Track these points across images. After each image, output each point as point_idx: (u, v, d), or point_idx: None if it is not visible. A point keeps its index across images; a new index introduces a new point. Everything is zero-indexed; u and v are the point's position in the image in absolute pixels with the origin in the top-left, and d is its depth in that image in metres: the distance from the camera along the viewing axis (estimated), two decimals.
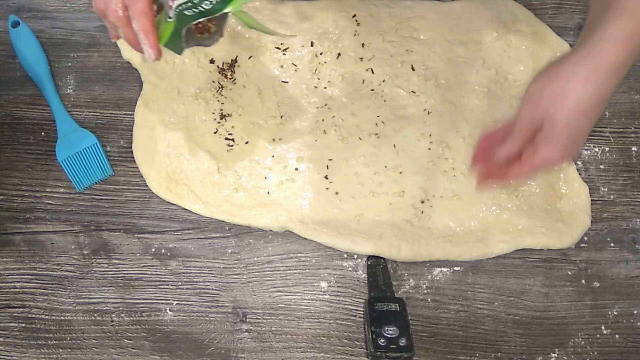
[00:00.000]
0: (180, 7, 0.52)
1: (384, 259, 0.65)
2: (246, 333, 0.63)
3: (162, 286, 0.65)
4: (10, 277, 0.65)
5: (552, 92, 0.52)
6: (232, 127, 0.70)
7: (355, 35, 0.73)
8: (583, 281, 0.65)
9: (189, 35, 0.53)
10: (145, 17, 0.52)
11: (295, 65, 0.72)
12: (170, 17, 0.53)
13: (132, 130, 0.70)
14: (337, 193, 0.67)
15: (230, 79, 0.71)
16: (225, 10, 0.52)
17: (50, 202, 0.68)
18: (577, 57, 0.51)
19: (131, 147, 0.70)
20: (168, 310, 0.64)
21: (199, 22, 0.53)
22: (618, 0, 0.50)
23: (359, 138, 0.69)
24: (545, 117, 0.53)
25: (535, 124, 0.53)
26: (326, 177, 0.68)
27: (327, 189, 0.67)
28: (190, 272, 0.65)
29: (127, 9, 0.52)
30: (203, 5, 0.52)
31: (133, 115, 0.71)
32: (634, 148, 0.71)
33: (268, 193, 0.67)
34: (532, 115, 0.53)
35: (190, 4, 0.52)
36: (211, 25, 0.55)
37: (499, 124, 0.62)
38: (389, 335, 0.58)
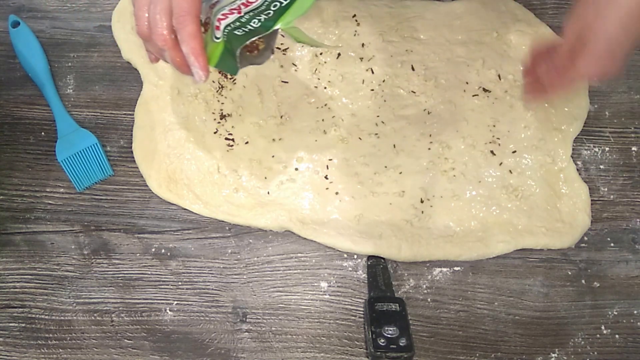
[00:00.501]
0: (229, 28, 0.52)
1: (384, 259, 0.65)
2: (246, 333, 0.63)
3: (162, 286, 0.65)
4: (10, 277, 0.65)
5: (595, 4, 0.52)
6: (232, 127, 0.70)
7: (355, 35, 0.73)
8: (583, 281, 0.65)
9: (241, 55, 0.52)
10: (195, 40, 0.51)
11: (295, 65, 0.72)
12: (217, 38, 0.52)
13: (132, 130, 0.70)
14: (337, 193, 0.67)
15: (230, 79, 0.71)
16: (275, 27, 0.51)
17: (50, 202, 0.68)
18: None
19: (131, 147, 0.70)
20: (168, 310, 0.64)
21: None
22: None
23: (359, 138, 0.69)
24: (588, 29, 0.52)
25: (580, 38, 0.53)
26: (326, 177, 0.68)
27: (327, 189, 0.67)
28: (190, 272, 0.65)
29: (174, 32, 0.51)
30: (252, 24, 0.52)
31: (133, 115, 0.71)
32: (634, 148, 0.71)
33: (268, 193, 0.67)
34: (577, 29, 0.53)
35: (238, 24, 0.52)
36: (259, 42, 0.54)
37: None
38: (389, 335, 0.58)
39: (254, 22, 0.52)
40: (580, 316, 0.64)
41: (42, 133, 0.71)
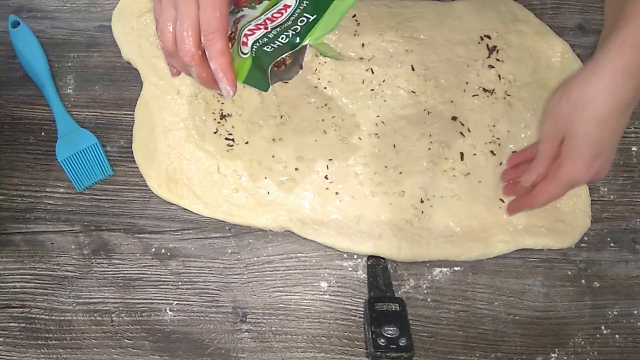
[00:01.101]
0: (257, 44, 0.51)
1: (384, 259, 0.65)
2: (246, 333, 0.63)
3: (162, 286, 0.65)
4: (10, 277, 0.65)
5: (570, 104, 0.51)
6: (232, 127, 0.70)
7: (355, 35, 0.73)
8: (583, 281, 0.65)
9: (270, 72, 0.52)
10: (224, 57, 0.50)
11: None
12: (244, 53, 0.52)
13: (132, 130, 0.70)
14: (337, 193, 0.67)
15: None
16: (304, 43, 0.51)
17: (50, 202, 0.68)
18: (591, 66, 0.50)
19: (131, 147, 0.70)
20: (168, 310, 0.64)
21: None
22: (630, 7, 0.49)
23: (359, 138, 0.69)
24: (566, 131, 0.52)
25: (558, 140, 0.52)
26: (326, 177, 0.68)
27: (327, 189, 0.67)
28: (190, 272, 0.65)
29: (201, 48, 0.50)
30: (280, 40, 0.51)
31: (133, 115, 0.71)
32: (634, 148, 0.71)
33: (268, 193, 0.67)
34: (554, 131, 0.53)
35: (266, 40, 0.51)
36: (286, 58, 0.54)
37: (527, 145, 0.61)
38: (389, 335, 0.58)
39: (282, 38, 0.52)
40: (580, 316, 0.64)
41: (42, 133, 0.71)
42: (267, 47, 0.51)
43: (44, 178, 0.69)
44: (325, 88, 0.71)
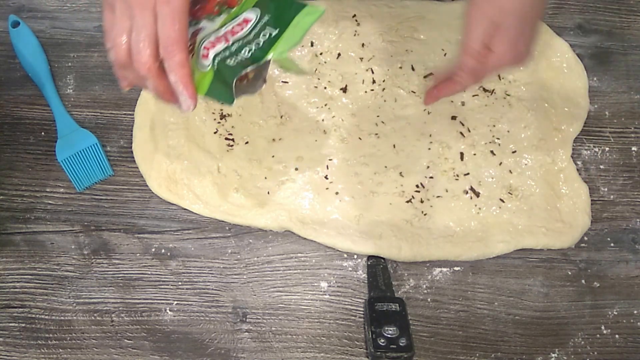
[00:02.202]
0: (218, 58, 0.51)
1: (384, 259, 0.65)
2: (246, 333, 0.63)
3: (162, 286, 0.65)
4: (10, 277, 0.65)
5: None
6: (232, 127, 0.70)
7: (355, 35, 0.73)
8: (583, 281, 0.65)
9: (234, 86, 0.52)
10: (184, 70, 0.49)
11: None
12: (205, 66, 0.51)
13: (132, 130, 0.70)
14: (337, 193, 0.67)
15: None
16: (267, 58, 0.50)
17: (50, 202, 0.68)
18: None
19: (131, 147, 0.70)
20: (168, 310, 0.64)
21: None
22: None
23: (359, 138, 0.69)
24: (500, 12, 0.53)
25: (492, 22, 0.53)
26: (326, 177, 0.68)
27: (327, 189, 0.67)
28: (190, 272, 0.65)
29: (158, 60, 0.49)
30: (242, 54, 0.50)
31: (133, 115, 0.71)
32: (634, 148, 0.71)
33: (268, 193, 0.67)
34: (487, 13, 0.54)
35: (228, 53, 0.51)
36: (249, 72, 0.53)
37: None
38: (389, 335, 0.58)
39: (245, 52, 0.51)
40: (580, 316, 0.64)
41: (42, 133, 0.71)
42: (230, 61, 0.50)
43: (44, 178, 0.69)
44: (325, 88, 0.71)
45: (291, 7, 0.52)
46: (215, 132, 0.69)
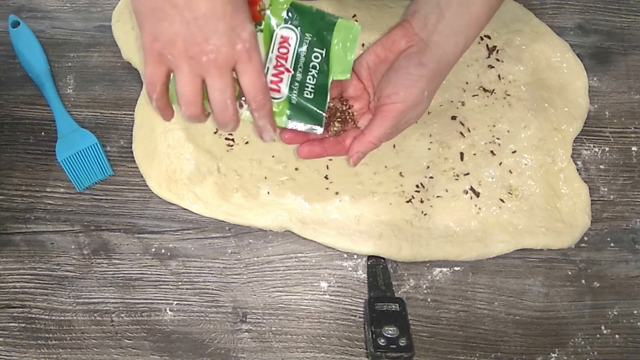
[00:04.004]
0: (294, 92, 0.54)
1: (384, 259, 0.65)
2: (246, 333, 0.63)
3: (162, 286, 0.65)
4: (10, 277, 0.65)
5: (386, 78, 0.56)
6: None
7: None
8: (583, 281, 0.65)
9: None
10: (271, 114, 0.53)
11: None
12: (276, 98, 0.54)
13: (132, 130, 0.70)
14: (337, 193, 0.67)
15: None
16: (331, 81, 0.55)
17: (50, 202, 0.68)
18: (431, 55, 0.55)
19: (131, 147, 0.70)
20: (168, 310, 0.64)
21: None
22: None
23: None
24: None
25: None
26: (326, 177, 0.68)
27: (327, 189, 0.67)
28: (190, 272, 0.65)
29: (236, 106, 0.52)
30: (310, 82, 0.54)
31: (133, 115, 0.71)
32: (634, 148, 0.71)
33: (268, 193, 0.67)
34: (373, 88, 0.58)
35: (297, 84, 0.54)
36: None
37: None
38: (389, 335, 0.58)
39: (310, 79, 0.54)
40: (580, 316, 0.64)
41: (42, 133, 0.71)
42: (306, 93, 0.54)
43: (44, 178, 0.69)
44: None
45: (324, 21, 0.55)
46: (215, 132, 0.69)
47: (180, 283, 0.65)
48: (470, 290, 0.65)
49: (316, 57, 0.54)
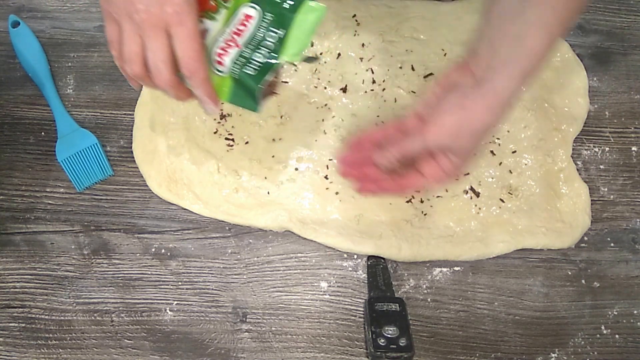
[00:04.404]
0: (237, 65, 0.52)
1: (384, 259, 0.65)
2: (246, 333, 0.63)
3: (162, 286, 0.65)
4: (10, 277, 0.65)
5: (456, 124, 0.53)
6: (232, 127, 0.70)
7: (355, 35, 0.73)
8: (583, 281, 0.65)
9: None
10: (206, 84, 0.52)
11: (295, 65, 0.72)
12: (220, 71, 0.53)
13: (132, 130, 0.70)
14: (337, 193, 0.67)
15: None
16: (281, 62, 0.52)
17: (50, 202, 0.68)
18: (478, 90, 0.52)
19: (131, 147, 0.70)
20: (168, 310, 0.64)
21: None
22: (516, 28, 0.50)
23: None
24: (449, 146, 0.54)
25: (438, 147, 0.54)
26: (326, 177, 0.68)
27: (327, 189, 0.67)
28: (190, 272, 0.65)
29: (176, 74, 0.51)
30: (257, 60, 0.52)
31: (133, 115, 0.71)
32: (634, 148, 0.71)
33: (268, 193, 0.67)
34: (438, 141, 0.54)
35: (243, 60, 0.52)
36: (275, 78, 0.55)
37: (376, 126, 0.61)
38: (389, 335, 0.58)
39: (258, 57, 0.52)
40: (580, 316, 0.64)
41: (42, 133, 0.71)
42: (248, 70, 0.52)
43: (44, 178, 0.69)
44: (325, 88, 0.71)
45: (290, 5, 0.52)
46: (215, 132, 0.69)
47: (180, 283, 0.65)
48: (470, 290, 0.65)
49: (272, 37, 0.52)
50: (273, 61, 0.52)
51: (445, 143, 0.53)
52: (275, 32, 0.52)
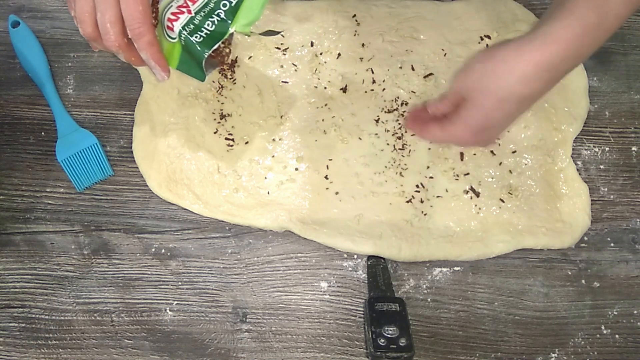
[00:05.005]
0: (185, 32, 0.51)
1: (384, 259, 0.65)
2: (246, 333, 0.63)
3: (162, 286, 0.65)
4: (10, 277, 0.65)
5: (481, 71, 0.50)
6: (232, 127, 0.70)
7: (355, 35, 0.73)
8: (583, 281, 0.65)
9: (206, 62, 0.53)
10: (153, 47, 0.52)
11: (295, 65, 0.72)
12: (172, 38, 0.52)
13: (132, 130, 0.70)
14: (337, 193, 0.67)
15: (230, 79, 0.71)
16: (230, 31, 0.51)
17: (50, 202, 0.68)
18: (517, 44, 0.49)
19: (131, 147, 0.70)
20: (168, 310, 0.64)
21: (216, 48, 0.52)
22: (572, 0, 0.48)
23: (359, 138, 0.69)
24: (468, 93, 0.52)
25: (461, 95, 0.53)
26: (326, 177, 0.68)
27: (327, 189, 0.67)
28: (190, 272, 0.65)
29: (126, 35, 0.51)
30: (206, 27, 0.51)
31: (133, 115, 0.71)
32: (634, 148, 0.71)
33: (268, 193, 0.67)
34: (459, 86, 0.53)
35: (193, 27, 0.52)
36: (223, 47, 0.55)
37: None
38: (389, 335, 0.58)
39: (208, 25, 0.52)
40: (580, 316, 0.64)
41: (42, 133, 0.71)
42: (196, 37, 0.51)
43: (44, 178, 0.69)
44: (325, 88, 0.71)
45: None
46: (215, 132, 0.69)
47: (180, 283, 0.65)
48: (470, 290, 0.65)
49: (224, 6, 0.52)
50: (222, 30, 0.51)
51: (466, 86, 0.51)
52: (228, 2, 0.52)
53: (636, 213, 0.68)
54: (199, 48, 0.51)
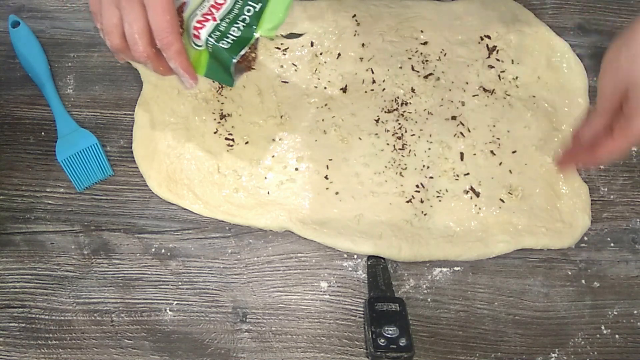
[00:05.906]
0: (211, 39, 0.52)
1: (384, 259, 0.65)
2: (246, 333, 0.63)
3: (162, 286, 0.65)
4: (10, 277, 0.65)
5: (631, 55, 0.48)
6: (232, 127, 0.70)
7: (355, 35, 0.73)
8: (583, 281, 0.65)
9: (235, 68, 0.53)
10: (182, 56, 0.52)
11: (295, 65, 0.72)
12: (198, 45, 0.53)
13: (132, 130, 0.70)
14: (337, 193, 0.67)
15: None
16: (256, 36, 0.52)
17: (50, 202, 0.68)
18: None
19: (131, 147, 0.70)
20: (168, 310, 0.64)
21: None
22: None
23: (359, 138, 0.69)
24: (629, 84, 0.49)
25: (619, 93, 0.50)
26: (326, 177, 0.68)
27: (327, 189, 0.67)
28: (190, 272, 0.65)
29: (154, 45, 0.51)
30: (232, 33, 0.52)
31: (133, 115, 0.71)
32: (634, 148, 0.71)
33: (268, 193, 0.67)
34: (614, 84, 0.50)
35: (219, 34, 0.52)
36: (250, 53, 0.55)
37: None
38: (389, 335, 0.58)
39: (234, 31, 0.52)
40: (580, 316, 0.64)
41: (42, 133, 0.71)
42: (223, 43, 0.52)
43: (44, 178, 0.69)
44: (325, 88, 0.71)
45: None
46: (215, 132, 0.69)
47: (180, 283, 0.65)
48: (470, 290, 0.65)
49: (248, 11, 0.53)
50: (248, 35, 0.52)
51: None
52: (252, 7, 0.52)
53: (636, 213, 0.68)
54: (227, 55, 0.52)
